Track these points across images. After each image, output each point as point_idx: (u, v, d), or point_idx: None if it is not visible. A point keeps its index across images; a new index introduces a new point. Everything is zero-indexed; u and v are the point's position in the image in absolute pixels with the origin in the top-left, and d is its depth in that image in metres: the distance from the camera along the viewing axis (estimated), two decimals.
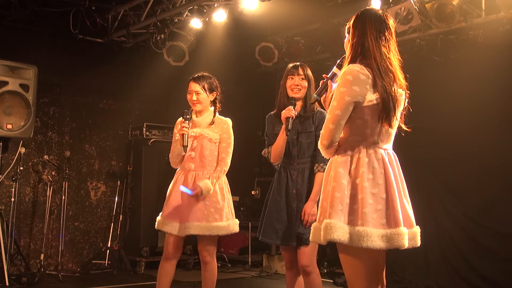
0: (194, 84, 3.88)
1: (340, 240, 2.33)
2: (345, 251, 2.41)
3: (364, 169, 2.40)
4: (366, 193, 2.37)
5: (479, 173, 5.71)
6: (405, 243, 2.39)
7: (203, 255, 3.89)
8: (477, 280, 5.53)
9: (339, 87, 2.44)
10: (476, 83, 5.61)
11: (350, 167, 2.42)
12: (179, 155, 3.90)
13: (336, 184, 2.40)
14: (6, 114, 5.57)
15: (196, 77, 3.90)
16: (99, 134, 7.06)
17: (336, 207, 2.37)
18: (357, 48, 2.51)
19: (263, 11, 5.83)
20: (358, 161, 2.42)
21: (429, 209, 5.95)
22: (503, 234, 5.48)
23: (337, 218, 2.35)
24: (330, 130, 2.45)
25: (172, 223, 3.78)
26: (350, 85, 2.40)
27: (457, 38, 5.77)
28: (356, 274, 2.41)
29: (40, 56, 6.21)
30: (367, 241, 2.32)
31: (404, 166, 2.56)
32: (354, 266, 2.40)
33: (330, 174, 2.47)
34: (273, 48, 6.80)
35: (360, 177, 2.39)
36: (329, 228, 2.35)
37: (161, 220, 3.86)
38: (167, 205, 3.85)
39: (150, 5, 6.16)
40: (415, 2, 5.21)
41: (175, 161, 3.94)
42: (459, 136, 5.81)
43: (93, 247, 6.86)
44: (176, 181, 3.90)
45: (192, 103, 3.89)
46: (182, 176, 3.87)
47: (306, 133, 3.40)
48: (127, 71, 7.12)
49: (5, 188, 6.08)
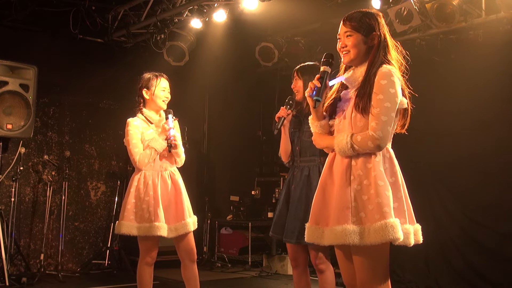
0: (167, 82, 3.82)
1: (400, 239, 2.31)
2: (371, 251, 2.34)
3: (397, 168, 2.43)
4: (404, 191, 2.41)
5: (479, 173, 5.71)
6: (418, 239, 2.44)
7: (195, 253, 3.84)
8: (477, 280, 5.52)
9: (386, 87, 2.36)
10: (476, 83, 5.61)
11: (384, 166, 2.40)
12: (152, 156, 3.68)
13: (384, 183, 2.34)
14: (6, 114, 5.57)
15: (166, 76, 3.84)
16: (99, 134, 7.06)
17: (390, 205, 2.32)
18: (382, 51, 2.48)
19: (263, 11, 5.83)
20: (391, 160, 2.43)
21: (429, 208, 5.94)
22: (504, 234, 5.48)
23: (393, 218, 2.31)
24: (389, 132, 2.38)
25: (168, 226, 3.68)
26: (397, 87, 2.39)
27: (457, 38, 5.77)
28: (375, 273, 2.38)
29: (40, 56, 6.21)
30: (411, 238, 2.37)
31: (403, 165, 2.56)
32: (376, 265, 2.38)
33: (357, 173, 2.39)
34: (273, 48, 6.80)
35: (395, 176, 2.41)
36: (393, 227, 2.28)
37: (161, 225, 3.64)
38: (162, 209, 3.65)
39: (150, 5, 6.16)
40: (415, 2, 5.21)
41: (147, 163, 3.68)
42: (459, 136, 5.81)
43: (93, 247, 6.86)
44: (149, 183, 3.67)
45: (164, 100, 3.79)
46: (158, 179, 3.69)
47: (307, 131, 3.39)
48: (127, 71, 7.09)
49: (5, 188, 6.08)
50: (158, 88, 3.75)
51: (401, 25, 5.33)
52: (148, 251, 3.70)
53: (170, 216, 3.67)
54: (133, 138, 3.70)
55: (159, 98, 3.75)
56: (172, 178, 3.75)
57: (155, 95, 3.74)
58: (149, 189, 3.64)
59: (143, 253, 3.71)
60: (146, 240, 3.68)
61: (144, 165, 3.66)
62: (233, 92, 7.84)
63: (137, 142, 3.69)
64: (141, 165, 3.66)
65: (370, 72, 2.43)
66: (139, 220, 3.63)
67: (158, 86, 3.75)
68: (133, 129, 3.72)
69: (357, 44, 2.48)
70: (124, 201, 3.74)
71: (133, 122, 3.74)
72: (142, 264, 3.72)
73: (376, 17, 2.51)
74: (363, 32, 2.47)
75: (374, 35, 2.47)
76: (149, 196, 3.63)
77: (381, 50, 2.47)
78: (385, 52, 2.48)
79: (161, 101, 3.76)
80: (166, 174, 3.74)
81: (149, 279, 3.74)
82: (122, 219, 3.67)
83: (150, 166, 3.69)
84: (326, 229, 2.43)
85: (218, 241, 7.43)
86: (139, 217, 3.63)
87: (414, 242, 2.44)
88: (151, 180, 3.67)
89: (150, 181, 3.67)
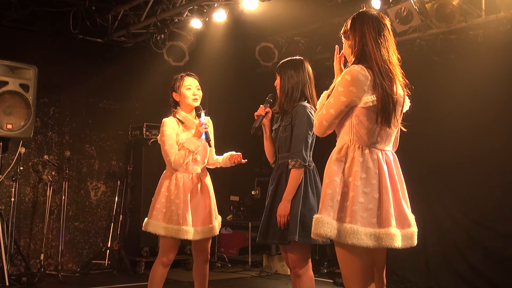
0: (193, 80, 3.79)
1: (327, 235, 2.38)
2: (340, 248, 2.43)
3: (358, 168, 2.42)
4: (357, 191, 2.39)
5: (480, 173, 5.71)
6: (395, 244, 2.39)
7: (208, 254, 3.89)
8: (477, 280, 5.52)
9: (337, 86, 2.48)
10: (476, 83, 5.61)
11: (344, 166, 2.45)
12: (186, 157, 3.64)
13: (329, 181, 2.44)
14: (6, 114, 5.57)
15: (192, 74, 3.82)
16: (99, 134, 7.06)
17: (326, 203, 2.41)
18: (358, 52, 2.51)
19: (263, 11, 5.84)
20: (352, 160, 2.44)
21: (430, 209, 5.94)
22: (504, 235, 5.48)
23: (326, 214, 2.40)
24: (323, 126, 2.53)
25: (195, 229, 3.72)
26: (348, 86, 2.43)
27: (457, 38, 5.77)
28: (350, 271, 2.43)
29: (40, 56, 6.20)
30: (353, 238, 2.35)
31: (404, 167, 2.56)
32: (349, 263, 2.43)
33: (326, 171, 2.51)
34: (273, 48, 6.80)
35: (353, 175, 2.42)
36: (318, 223, 2.40)
37: (189, 228, 3.65)
38: (190, 213, 3.69)
39: (150, 5, 6.16)
40: (415, 2, 5.21)
41: (182, 163, 3.65)
42: (460, 137, 5.81)
43: (93, 247, 6.86)
44: (180, 186, 3.69)
45: (194, 98, 3.75)
46: (189, 181, 3.73)
47: (283, 126, 3.29)
48: (127, 71, 7.12)
49: (5, 188, 6.07)
50: (183, 88, 3.74)
51: (401, 25, 5.33)
52: (167, 252, 3.70)
53: (197, 219, 3.71)
54: (169, 139, 3.66)
55: (187, 98, 3.73)
56: (202, 180, 3.78)
57: (182, 95, 3.74)
58: (180, 192, 3.66)
59: (162, 252, 3.71)
60: (170, 241, 3.68)
61: (179, 166, 3.63)
62: (233, 92, 7.83)
63: (173, 142, 3.66)
64: (176, 166, 3.63)
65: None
66: (167, 221, 3.65)
67: (183, 86, 3.74)
68: (169, 130, 3.69)
69: (345, 49, 2.66)
70: (153, 199, 3.75)
71: (169, 123, 3.72)
72: (158, 263, 3.71)
73: (359, 18, 2.55)
74: (347, 37, 2.62)
75: (351, 38, 2.57)
76: (179, 199, 3.65)
77: (357, 52, 2.52)
78: (362, 53, 2.51)
79: (190, 100, 3.74)
80: (196, 177, 3.76)
81: (161, 279, 3.73)
82: (150, 217, 3.70)
83: (182, 169, 3.68)
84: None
85: (218, 241, 7.43)
86: (167, 218, 3.65)
87: (404, 245, 2.43)
88: (182, 182, 3.69)
89: (181, 183, 3.68)
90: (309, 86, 3.33)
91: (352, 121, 2.46)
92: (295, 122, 3.19)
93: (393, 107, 2.45)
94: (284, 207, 3.12)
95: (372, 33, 2.50)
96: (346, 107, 2.45)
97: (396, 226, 2.42)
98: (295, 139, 3.16)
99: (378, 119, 2.44)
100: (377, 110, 2.43)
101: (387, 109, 2.43)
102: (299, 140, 3.15)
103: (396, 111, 2.50)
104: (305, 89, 3.30)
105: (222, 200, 7.93)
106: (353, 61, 2.53)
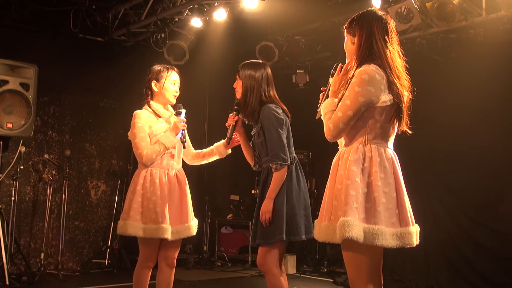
0: (178, 77, 3.64)
1: (357, 238, 2.32)
2: (352, 249, 2.40)
3: (377, 168, 2.41)
4: (379, 191, 2.39)
5: (480, 172, 5.71)
6: (414, 242, 2.43)
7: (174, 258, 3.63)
8: (477, 280, 5.53)
9: (353, 86, 2.43)
10: (477, 82, 5.61)
11: (363, 166, 2.42)
12: (161, 153, 3.46)
13: (350, 182, 2.39)
14: (7, 113, 5.57)
15: (177, 70, 3.68)
16: (99, 133, 7.06)
17: (351, 204, 2.36)
18: (366, 49, 2.50)
19: (263, 10, 5.83)
20: (371, 160, 2.43)
21: (429, 208, 5.95)
22: (504, 234, 5.48)
23: (353, 216, 2.34)
24: (339, 129, 2.46)
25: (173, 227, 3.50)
26: (366, 85, 2.40)
27: (458, 37, 5.77)
28: (359, 272, 2.41)
29: (40, 55, 6.20)
30: (381, 239, 2.34)
31: (404, 165, 2.56)
32: (359, 264, 2.41)
33: (340, 173, 2.46)
34: (273, 47, 6.79)
35: (373, 176, 2.40)
36: (347, 226, 2.33)
37: (167, 227, 3.42)
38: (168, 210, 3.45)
39: (150, 4, 6.16)
40: (416, 1, 5.21)
41: (154, 159, 3.46)
42: (459, 135, 5.81)
43: (93, 246, 6.86)
44: (156, 182, 3.46)
45: (175, 95, 3.61)
46: (165, 177, 3.49)
47: (256, 133, 3.31)
48: (128, 70, 7.11)
49: (5, 187, 6.08)
50: (168, 80, 3.57)
51: (401, 24, 5.32)
52: (151, 255, 3.47)
53: (174, 218, 3.47)
54: (141, 131, 3.45)
55: (168, 92, 3.56)
56: (179, 178, 3.56)
57: (164, 88, 3.56)
58: (156, 188, 3.42)
59: (145, 255, 3.47)
60: (150, 243, 3.43)
61: (151, 161, 3.43)
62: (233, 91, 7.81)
63: (145, 135, 3.45)
64: (148, 160, 3.43)
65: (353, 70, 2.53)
66: (144, 221, 3.40)
67: (168, 79, 3.57)
68: (141, 122, 3.48)
69: (346, 44, 2.61)
70: (128, 199, 3.48)
71: (141, 114, 3.51)
72: (142, 267, 3.48)
73: (367, 16, 2.55)
74: (352, 32, 2.58)
75: (358, 34, 2.54)
76: (156, 196, 3.42)
77: (365, 50, 2.50)
78: (369, 51, 2.50)
79: (170, 94, 3.57)
80: (172, 173, 3.53)
81: (147, 281, 3.52)
82: (127, 218, 3.41)
83: (157, 164, 3.47)
84: (319, 225, 2.54)
85: (218, 240, 7.44)
86: (145, 218, 3.40)
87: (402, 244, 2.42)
88: (158, 178, 3.45)
89: (157, 179, 3.45)
90: (271, 87, 3.39)
91: (366, 120, 2.45)
92: (264, 125, 3.23)
93: (403, 107, 2.48)
94: (266, 205, 3.18)
95: (381, 32, 2.51)
96: (364, 107, 2.42)
97: None
98: (269, 143, 3.20)
99: (393, 117, 2.45)
100: (392, 109, 2.44)
101: (400, 108, 2.46)
102: (273, 143, 3.18)
103: (404, 111, 2.51)
104: (266, 90, 3.36)
105: (222, 199, 7.96)
106: (360, 59, 2.50)
